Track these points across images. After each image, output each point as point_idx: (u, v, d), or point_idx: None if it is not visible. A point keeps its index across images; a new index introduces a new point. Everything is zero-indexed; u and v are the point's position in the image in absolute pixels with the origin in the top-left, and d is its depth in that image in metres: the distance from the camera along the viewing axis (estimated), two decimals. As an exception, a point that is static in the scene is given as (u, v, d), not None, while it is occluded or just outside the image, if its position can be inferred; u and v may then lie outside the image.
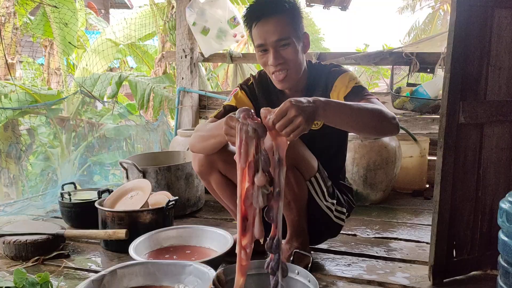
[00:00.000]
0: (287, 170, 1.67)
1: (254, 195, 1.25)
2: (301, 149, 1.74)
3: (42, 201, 3.22)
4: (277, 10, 1.66)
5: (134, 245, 1.85)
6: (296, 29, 1.70)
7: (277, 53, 1.68)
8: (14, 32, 5.85)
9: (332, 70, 1.82)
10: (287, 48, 1.68)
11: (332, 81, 1.78)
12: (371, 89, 7.33)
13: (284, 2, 1.68)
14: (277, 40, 1.66)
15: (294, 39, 1.68)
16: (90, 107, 5.59)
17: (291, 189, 1.73)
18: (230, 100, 1.91)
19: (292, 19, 1.69)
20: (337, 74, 1.79)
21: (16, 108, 4.44)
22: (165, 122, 4.72)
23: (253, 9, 1.71)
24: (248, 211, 1.25)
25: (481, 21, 1.63)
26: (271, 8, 1.66)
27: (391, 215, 2.72)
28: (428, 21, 15.73)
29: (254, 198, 1.24)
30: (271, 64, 1.70)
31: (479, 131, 1.69)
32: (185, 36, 3.99)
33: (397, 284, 1.74)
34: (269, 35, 1.66)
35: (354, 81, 1.75)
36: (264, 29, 1.66)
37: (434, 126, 3.45)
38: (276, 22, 1.65)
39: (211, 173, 1.87)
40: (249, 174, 1.24)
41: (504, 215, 1.29)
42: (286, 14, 1.67)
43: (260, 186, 1.24)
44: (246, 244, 1.28)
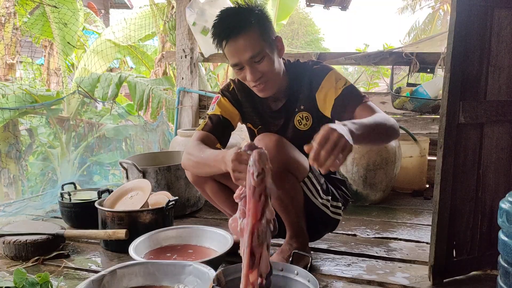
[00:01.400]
0: (281, 175, 1.68)
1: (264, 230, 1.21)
2: (292, 152, 1.71)
3: (42, 201, 3.22)
4: (244, 26, 1.60)
5: (134, 245, 1.84)
6: (267, 39, 1.65)
7: (253, 69, 1.64)
8: (14, 32, 5.85)
9: (314, 68, 1.78)
10: (262, 62, 1.64)
11: (318, 80, 1.75)
12: (371, 88, 7.33)
13: (250, 17, 1.63)
14: (251, 57, 1.62)
15: (268, 50, 1.64)
16: (90, 107, 5.59)
17: (287, 193, 1.71)
18: (214, 109, 1.89)
19: (262, 30, 1.64)
20: (322, 73, 1.75)
21: (15, 108, 4.43)
22: (164, 122, 4.72)
23: (220, 28, 1.65)
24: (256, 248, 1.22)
25: (481, 21, 1.63)
26: (237, 26, 1.60)
27: (391, 215, 2.72)
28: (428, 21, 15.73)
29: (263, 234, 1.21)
30: (250, 80, 1.67)
31: (479, 131, 1.69)
32: (185, 36, 3.99)
33: (397, 284, 1.74)
34: (241, 54, 1.62)
35: (342, 81, 1.71)
36: (235, 48, 1.62)
37: (434, 126, 3.45)
38: (245, 39, 1.60)
39: (205, 182, 1.88)
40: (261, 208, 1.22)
41: (504, 215, 1.29)
42: (254, 27, 1.62)
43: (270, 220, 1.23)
44: (254, 281, 1.24)
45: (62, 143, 5.10)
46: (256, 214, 1.22)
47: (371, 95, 3.69)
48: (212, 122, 1.85)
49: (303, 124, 1.81)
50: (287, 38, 23.00)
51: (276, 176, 1.66)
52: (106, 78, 4.86)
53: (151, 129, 4.67)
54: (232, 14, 1.66)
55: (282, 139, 1.69)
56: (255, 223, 1.22)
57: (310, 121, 1.81)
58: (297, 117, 1.82)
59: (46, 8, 5.40)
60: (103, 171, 4.87)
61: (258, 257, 1.23)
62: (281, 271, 1.51)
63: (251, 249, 1.22)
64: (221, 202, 1.93)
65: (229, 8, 1.70)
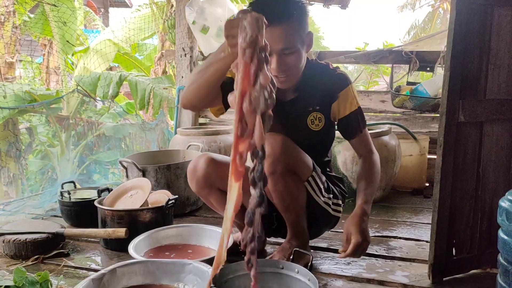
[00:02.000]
0: (285, 175, 1.68)
1: (257, 95, 1.09)
2: (297, 152, 1.73)
3: (42, 200, 3.22)
4: (285, 17, 1.59)
5: (134, 244, 1.85)
6: (302, 33, 1.65)
7: (281, 59, 1.63)
8: (14, 31, 5.84)
9: (336, 74, 1.81)
10: (291, 56, 1.64)
11: (337, 90, 1.80)
12: (371, 87, 7.32)
13: (293, 9, 1.61)
14: (283, 49, 1.61)
15: (299, 46, 1.65)
16: (90, 106, 5.59)
17: (290, 193, 1.72)
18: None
19: (300, 25, 1.63)
20: (342, 83, 1.80)
21: (15, 108, 4.43)
22: (164, 121, 4.72)
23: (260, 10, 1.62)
24: (246, 114, 1.10)
25: (481, 19, 1.63)
26: (279, 15, 1.58)
27: (391, 213, 2.72)
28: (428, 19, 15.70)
29: (256, 99, 1.09)
30: (274, 68, 1.65)
31: (478, 130, 1.69)
32: (184, 34, 3.98)
33: (397, 282, 1.75)
34: (275, 43, 1.59)
35: (355, 100, 1.82)
36: (271, 35, 1.55)
37: (433, 124, 3.45)
38: (283, 30, 1.58)
39: (210, 192, 1.88)
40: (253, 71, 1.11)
41: (504, 214, 1.29)
42: (295, 20, 1.61)
43: (264, 85, 1.10)
44: (243, 151, 1.13)
45: (62, 142, 5.10)
46: (247, 77, 1.11)
47: (371, 94, 3.68)
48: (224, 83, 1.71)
49: (315, 124, 1.82)
50: (286, 36, 22.91)
51: (281, 176, 1.68)
52: (106, 77, 4.86)
53: (149, 128, 4.67)
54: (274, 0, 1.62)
55: (287, 139, 1.70)
56: (245, 86, 1.11)
57: (323, 123, 1.82)
58: (311, 117, 1.82)
59: (46, 7, 5.39)
60: (102, 169, 4.86)
61: (251, 127, 1.11)
62: (282, 269, 1.51)
63: (241, 115, 1.11)
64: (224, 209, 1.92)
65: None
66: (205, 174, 1.83)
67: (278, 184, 1.71)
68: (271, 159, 1.66)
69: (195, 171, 1.87)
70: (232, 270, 1.49)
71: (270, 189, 1.75)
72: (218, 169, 1.83)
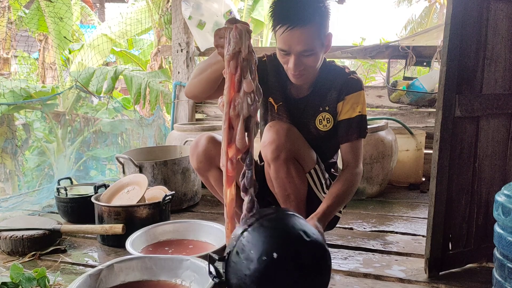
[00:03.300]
0: (288, 162, 1.69)
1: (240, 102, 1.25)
2: (301, 142, 1.76)
3: (38, 196, 3.21)
4: (308, 20, 1.58)
5: (131, 240, 1.85)
6: (322, 36, 1.65)
7: (298, 60, 1.64)
8: (9, 26, 5.81)
9: (350, 78, 1.80)
10: (309, 57, 1.65)
11: (346, 92, 1.79)
12: (368, 82, 7.32)
13: (316, 13, 1.61)
14: (302, 51, 1.62)
15: (318, 48, 1.65)
16: (86, 102, 5.57)
17: (292, 181, 1.74)
18: None
19: (320, 28, 1.63)
20: (354, 86, 1.79)
21: (13, 104, 4.41)
22: (160, 117, 4.71)
23: (282, 12, 1.62)
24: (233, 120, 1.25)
25: (477, 14, 1.63)
26: (302, 17, 1.58)
27: (388, 208, 2.72)
28: (425, 14, 15.68)
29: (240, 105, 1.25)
30: (291, 68, 1.67)
31: (475, 125, 1.70)
32: (181, 30, 3.96)
33: (393, 277, 1.75)
34: (294, 45, 1.61)
35: (361, 106, 1.79)
36: (290, 37, 1.60)
37: (430, 119, 3.45)
38: (303, 33, 1.59)
39: (209, 169, 1.89)
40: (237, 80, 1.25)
41: (499, 208, 1.29)
42: (316, 23, 1.60)
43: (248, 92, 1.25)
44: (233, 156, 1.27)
45: (58, 138, 5.08)
46: (232, 86, 1.25)
47: (368, 89, 3.68)
48: None
49: (323, 125, 1.83)
50: (283, 31, 22.84)
51: (284, 163, 1.69)
52: (101, 72, 4.84)
53: (146, 124, 4.66)
54: (299, 1, 1.62)
55: (292, 127, 1.73)
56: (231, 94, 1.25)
57: (331, 124, 1.83)
58: (319, 117, 1.83)
59: (41, 3, 5.35)
60: (99, 166, 4.85)
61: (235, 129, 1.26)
62: None
63: (229, 123, 1.25)
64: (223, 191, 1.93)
65: None
66: (205, 149, 1.86)
67: (281, 170, 1.72)
68: (275, 145, 1.68)
69: (196, 147, 1.89)
70: None
71: (272, 176, 1.76)
72: (219, 146, 1.83)
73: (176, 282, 1.47)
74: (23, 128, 5.28)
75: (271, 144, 1.69)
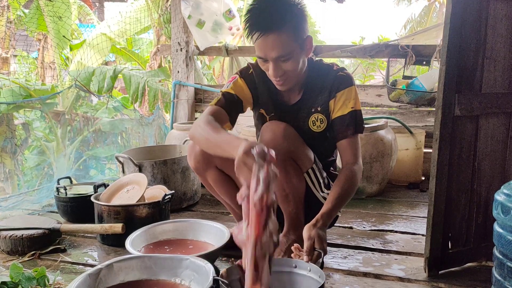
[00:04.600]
0: (285, 162, 1.69)
1: (267, 241, 1.21)
2: (298, 141, 1.75)
3: (38, 196, 3.21)
4: (280, 25, 1.56)
5: (131, 239, 1.84)
6: (299, 39, 1.63)
7: (277, 66, 1.63)
8: (8, 25, 5.80)
9: (338, 75, 1.79)
10: (287, 62, 1.63)
11: (337, 89, 1.77)
12: (367, 81, 7.32)
13: (290, 14, 1.59)
14: (278, 57, 1.61)
15: (296, 51, 1.63)
16: (85, 101, 5.57)
17: (290, 181, 1.74)
18: (229, 87, 1.86)
19: (296, 31, 1.61)
20: (344, 83, 1.78)
21: (13, 103, 4.41)
22: (160, 116, 4.71)
23: (255, 18, 1.60)
24: (259, 260, 1.20)
25: (477, 13, 1.63)
26: (273, 23, 1.56)
27: (387, 207, 2.72)
28: (424, 13, 15.67)
29: (266, 244, 1.21)
30: (271, 74, 1.67)
31: (474, 124, 1.70)
32: (180, 29, 3.96)
33: (393, 276, 1.75)
34: (269, 51, 1.60)
35: (353, 101, 1.77)
36: (265, 44, 1.59)
37: (430, 118, 3.45)
38: (277, 39, 1.57)
39: (207, 169, 1.88)
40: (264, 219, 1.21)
41: (499, 207, 1.29)
42: (290, 27, 1.58)
43: (272, 232, 1.22)
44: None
45: (58, 137, 5.08)
46: (258, 226, 1.21)
47: (367, 88, 3.68)
48: (225, 98, 1.83)
49: (316, 126, 1.82)
50: (283, 31, 22.85)
51: (281, 163, 1.68)
52: (101, 71, 4.83)
53: (147, 123, 4.66)
54: (271, 6, 1.60)
55: (289, 127, 1.72)
56: (258, 234, 1.21)
57: (325, 124, 1.82)
58: (312, 118, 1.82)
59: (40, 2, 5.35)
60: (99, 165, 4.85)
61: (261, 270, 1.21)
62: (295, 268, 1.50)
63: (255, 262, 1.20)
64: (221, 191, 1.94)
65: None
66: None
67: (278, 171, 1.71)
68: (273, 145, 1.66)
69: (193, 147, 1.87)
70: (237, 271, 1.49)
71: None
72: None
73: (176, 281, 1.47)
74: (22, 128, 5.28)
75: (268, 144, 1.67)
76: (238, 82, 1.87)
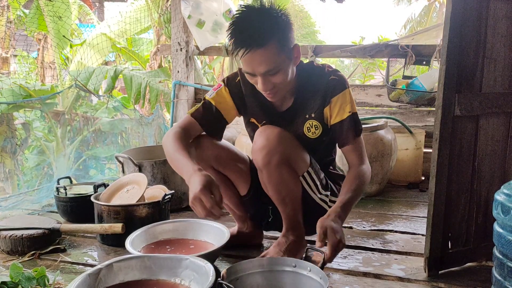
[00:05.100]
0: (281, 167, 1.68)
1: None
2: (293, 145, 1.73)
3: (38, 196, 3.21)
4: (265, 40, 1.53)
5: (131, 239, 1.84)
6: (286, 50, 1.59)
7: (266, 80, 1.60)
8: (8, 25, 5.80)
9: (330, 80, 1.74)
10: (276, 75, 1.60)
11: (331, 94, 1.73)
12: (367, 81, 7.31)
13: (275, 27, 1.55)
14: (266, 71, 1.58)
15: (284, 63, 1.60)
16: (85, 101, 5.57)
17: (286, 186, 1.72)
18: (212, 96, 1.85)
19: (282, 43, 1.57)
20: (337, 88, 1.73)
21: (13, 103, 4.41)
22: (160, 116, 4.71)
23: (240, 35, 1.57)
24: None
25: (477, 13, 1.63)
26: (260, 38, 1.53)
27: (387, 207, 2.73)
28: (424, 13, 15.68)
29: None
30: (261, 89, 1.64)
31: (474, 123, 1.70)
32: (180, 29, 3.96)
33: (393, 276, 1.75)
34: (256, 67, 1.57)
35: (349, 106, 1.73)
36: (251, 60, 1.56)
37: (429, 118, 3.45)
38: (263, 55, 1.54)
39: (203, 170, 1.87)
40: None
41: (499, 207, 1.29)
42: (275, 41, 1.54)
43: None
44: None
45: (58, 137, 5.08)
46: None
47: (367, 88, 3.68)
48: (204, 109, 1.82)
49: (311, 132, 1.79)
50: (283, 30, 22.84)
51: (276, 168, 1.68)
52: (101, 71, 4.83)
53: (146, 123, 4.66)
54: (254, 20, 1.56)
55: (284, 131, 1.70)
56: None
57: (320, 130, 1.79)
58: (307, 125, 1.79)
59: (40, 2, 5.35)
60: (99, 165, 4.85)
61: None
62: (295, 267, 1.51)
63: None
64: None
65: (252, 10, 1.59)
66: (199, 153, 1.83)
67: (273, 176, 1.70)
68: (266, 151, 1.66)
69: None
70: (243, 268, 1.49)
71: (265, 181, 1.75)
72: (213, 147, 1.83)
73: (176, 281, 1.47)
74: (22, 127, 5.28)
75: (262, 150, 1.67)
76: (221, 92, 1.85)
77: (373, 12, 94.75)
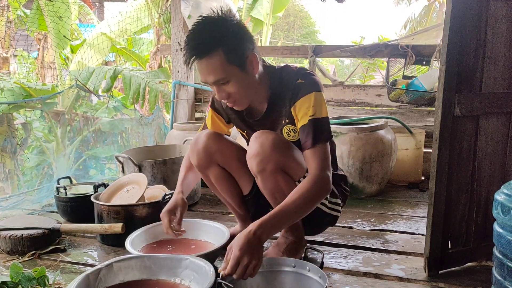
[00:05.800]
0: (274, 174, 1.67)
1: None
2: (289, 151, 1.71)
3: (38, 196, 3.21)
4: (210, 49, 1.53)
5: (131, 239, 1.84)
6: (236, 60, 1.57)
7: (219, 88, 1.61)
8: (8, 25, 5.80)
9: (297, 84, 1.68)
10: (227, 85, 1.60)
11: (295, 98, 1.68)
12: (367, 81, 7.31)
13: (222, 38, 1.54)
14: (215, 81, 1.58)
15: (235, 73, 1.58)
16: (85, 101, 5.56)
17: (281, 192, 1.69)
18: (206, 117, 2.01)
19: (230, 53, 1.55)
20: (302, 92, 1.67)
21: (14, 103, 4.41)
22: (160, 116, 4.71)
23: (188, 46, 1.58)
24: None
25: (477, 12, 1.63)
26: (204, 47, 1.54)
27: (387, 207, 2.73)
28: (424, 13, 15.68)
29: None
30: (217, 98, 1.66)
31: (474, 123, 1.70)
32: (180, 29, 3.96)
33: (393, 276, 1.75)
34: (206, 76, 1.58)
35: (313, 109, 1.64)
36: (200, 68, 1.58)
37: (429, 118, 3.45)
38: (208, 65, 1.55)
39: (209, 167, 1.88)
40: None
41: (499, 207, 1.29)
42: (220, 52, 1.53)
43: None
44: None
45: (58, 137, 5.08)
46: None
47: (367, 88, 3.68)
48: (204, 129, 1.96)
49: (291, 136, 1.78)
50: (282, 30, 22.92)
51: (270, 175, 1.67)
52: (101, 71, 4.83)
53: (146, 123, 4.66)
54: (204, 30, 1.57)
55: (278, 137, 1.69)
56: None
57: (298, 133, 1.74)
58: (285, 129, 1.78)
59: (40, 2, 5.35)
60: (99, 165, 4.85)
61: None
62: (294, 267, 1.51)
63: None
64: (223, 189, 1.94)
65: (207, 20, 1.59)
66: (205, 146, 1.84)
67: (268, 182, 1.70)
68: (260, 158, 1.65)
69: (196, 144, 1.88)
70: None
71: (260, 187, 1.75)
72: (219, 142, 1.84)
73: (176, 281, 1.47)
74: (22, 127, 5.28)
75: (256, 157, 1.66)
76: (209, 115, 1.99)
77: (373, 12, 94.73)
